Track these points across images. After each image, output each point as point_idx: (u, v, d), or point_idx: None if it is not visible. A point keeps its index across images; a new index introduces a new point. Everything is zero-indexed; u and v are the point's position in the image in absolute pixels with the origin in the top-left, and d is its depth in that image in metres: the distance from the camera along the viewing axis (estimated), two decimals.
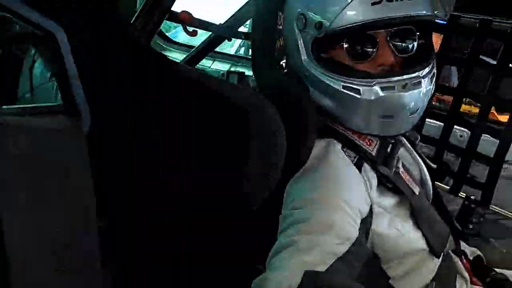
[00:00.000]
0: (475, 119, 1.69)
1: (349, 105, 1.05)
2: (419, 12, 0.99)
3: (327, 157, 1.03)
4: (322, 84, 1.06)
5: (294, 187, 1.00)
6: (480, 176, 1.74)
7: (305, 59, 1.09)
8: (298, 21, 1.07)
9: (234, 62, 2.75)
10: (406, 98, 1.00)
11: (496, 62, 1.58)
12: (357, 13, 0.96)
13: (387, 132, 1.09)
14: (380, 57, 1.03)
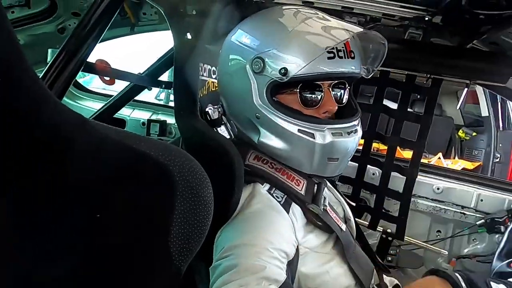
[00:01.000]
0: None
1: (302, 148, 1.10)
2: (357, 70, 1.13)
3: (251, 203, 1.05)
4: (276, 126, 1.10)
5: (221, 237, 1.00)
6: (395, 210, 1.90)
7: (257, 101, 1.11)
8: (254, 64, 1.10)
9: (155, 110, 2.70)
10: (349, 143, 1.12)
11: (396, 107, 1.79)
12: (318, 64, 1.05)
13: (331, 173, 1.16)
14: (325, 104, 1.12)
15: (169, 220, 0.67)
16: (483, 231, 2.06)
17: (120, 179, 0.67)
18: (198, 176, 0.71)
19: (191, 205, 0.69)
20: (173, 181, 0.68)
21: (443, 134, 4.93)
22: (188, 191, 0.69)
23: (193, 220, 0.69)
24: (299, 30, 1.08)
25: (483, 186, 2.11)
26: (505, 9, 1.18)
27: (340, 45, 1.06)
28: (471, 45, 1.53)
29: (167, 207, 0.67)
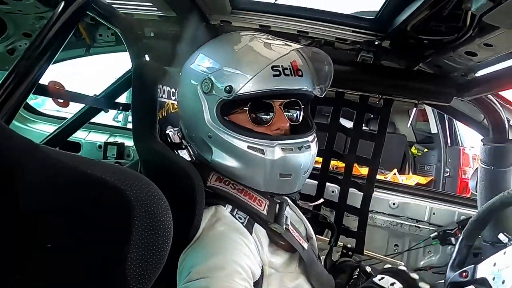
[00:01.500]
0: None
1: (253, 164, 1.12)
2: (306, 87, 1.16)
3: (215, 225, 1.04)
4: (227, 144, 1.12)
5: (186, 260, 0.98)
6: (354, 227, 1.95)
7: (209, 120, 1.13)
8: (204, 85, 1.12)
9: (112, 133, 2.62)
10: (301, 158, 1.13)
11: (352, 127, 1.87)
12: (263, 81, 1.08)
13: (284, 190, 1.18)
14: (276, 122, 1.15)
15: (126, 247, 0.64)
16: (437, 243, 2.16)
17: (74, 207, 0.64)
18: (157, 200, 0.69)
19: (150, 231, 0.67)
20: (130, 206, 0.66)
21: (397, 151, 5.15)
22: (146, 216, 0.67)
23: (151, 246, 0.67)
24: (245, 49, 1.13)
25: (434, 200, 2.23)
26: (445, 35, 1.28)
27: (286, 63, 1.09)
28: (417, 67, 1.63)
29: (124, 233, 0.65)
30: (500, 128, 1.68)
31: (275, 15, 1.52)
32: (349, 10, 1.60)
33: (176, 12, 1.51)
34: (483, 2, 0.88)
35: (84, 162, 0.66)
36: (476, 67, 1.49)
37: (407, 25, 1.26)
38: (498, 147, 1.72)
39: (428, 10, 1.14)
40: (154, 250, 0.67)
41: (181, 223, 0.96)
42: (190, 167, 1.10)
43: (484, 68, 1.50)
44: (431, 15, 1.18)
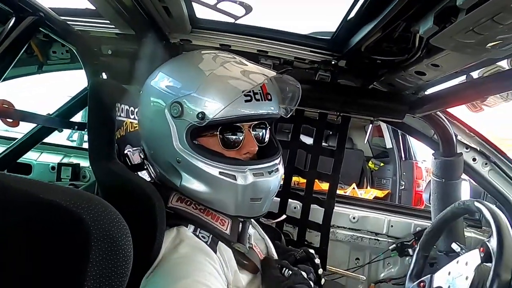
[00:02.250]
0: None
1: (224, 190, 1.09)
2: (274, 111, 1.16)
3: (178, 248, 1.01)
4: (198, 169, 1.09)
5: (149, 286, 0.94)
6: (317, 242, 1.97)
7: (178, 145, 1.09)
8: (172, 109, 1.08)
9: (66, 153, 2.50)
10: (271, 183, 1.13)
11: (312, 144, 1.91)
12: (235, 107, 1.06)
13: (254, 213, 1.16)
14: (247, 146, 1.14)
15: (83, 273, 0.61)
16: (395, 255, 2.23)
17: (26, 233, 0.60)
18: (115, 223, 0.66)
19: (108, 255, 0.64)
20: (87, 231, 0.63)
21: (355, 166, 5.31)
22: (104, 241, 0.64)
23: (110, 271, 0.64)
24: (217, 74, 1.10)
25: (392, 213, 2.30)
26: (397, 56, 1.35)
27: (257, 88, 1.10)
28: (372, 86, 1.71)
29: (81, 259, 0.62)
30: (449, 142, 1.79)
31: (235, 35, 1.54)
32: (307, 30, 1.65)
33: (134, 30, 1.49)
34: (429, 26, 0.94)
35: (36, 185, 0.63)
36: (426, 85, 1.59)
37: (361, 46, 1.32)
38: (448, 161, 1.82)
39: (380, 32, 1.20)
40: (113, 276, 0.64)
41: (142, 246, 0.92)
42: (150, 187, 1.07)
43: (432, 86, 1.60)
44: (383, 37, 1.24)
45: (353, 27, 1.30)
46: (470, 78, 1.39)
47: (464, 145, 1.92)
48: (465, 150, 1.92)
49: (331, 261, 2.05)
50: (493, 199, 2.00)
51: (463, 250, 1.41)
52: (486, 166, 1.94)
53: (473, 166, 1.94)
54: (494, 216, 1.17)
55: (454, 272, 1.28)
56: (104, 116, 1.27)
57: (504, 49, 0.95)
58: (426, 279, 1.38)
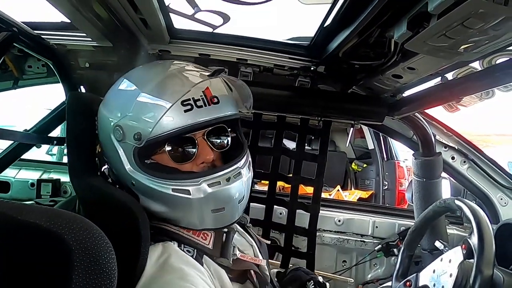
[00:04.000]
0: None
1: (181, 206, 1.06)
2: (226, 113, 1.10)
3: (168, 261, 0.99)
4: (151, 190, 1.05)
5: None
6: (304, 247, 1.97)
7: (129, 168, 1.07)
8: (115, 132, 1.06)
9: (46, 169, 2.44)
10: (231, 190, 1.08)
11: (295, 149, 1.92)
12: (173, 120, 1.02)
13: (221, 224, 1.12)
14: (201, 155, 1.09)
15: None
16: (381, 255, 2.26)
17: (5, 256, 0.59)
18: (98, 242, 0.65)
19: (92, 275, 0.63)
20: (69, 250, 0.61)
21: (339, 168, 5.36)
22: (87, 260, 0.63)
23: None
24: (148, 91, 1.05)
25: (376, 214, 2.34)
26: (374, 60, 1.38)
27: (197, 94, 1.04)
28: (351, 90, 1.73)
29: (64, 280, 0.60)
30: (428, 143, 1.82)
31: (214, 44, 1.55)
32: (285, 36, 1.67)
33: (112, 42, 1.48)
34: (403, 31, 0.96)
35: (14, 208, 0.61)
36: (403, 88, 1.62)
37: (339, 51, 1.33)
38: (428, 160, 1.86)
39: (356, 38, 1.22)
40: None
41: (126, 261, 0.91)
42: (133, 202, 1.05)
43: (410, 88, 1.64)
44: (360, 42, 1.26)
45: (330, 33, 1.33)
46: (445, 79, 1.43)
47: (443, 145, 1.97)
48: (444, 149, 1.97)
49: (319, 264, 2.06)
50: (473, 196, 2.05)
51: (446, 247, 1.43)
52: (464, 164, 1.99)
53: (452, 165, 1.98)
54: (474, 213, 1.19)
55: (439, 269, 1.30)
56: (83, 130, 1.25)
57: (475, 51, 0.98)
58: (412, 278, 1.39)
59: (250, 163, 1.18)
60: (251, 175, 1.18)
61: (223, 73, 1.12)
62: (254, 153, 1.81)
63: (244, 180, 1.12)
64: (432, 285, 1.28)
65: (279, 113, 1.86)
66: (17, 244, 0.60)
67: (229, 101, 1.14)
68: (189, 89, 1.01)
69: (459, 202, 1.29)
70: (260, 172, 1.95)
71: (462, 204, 1.27)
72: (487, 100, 1.57)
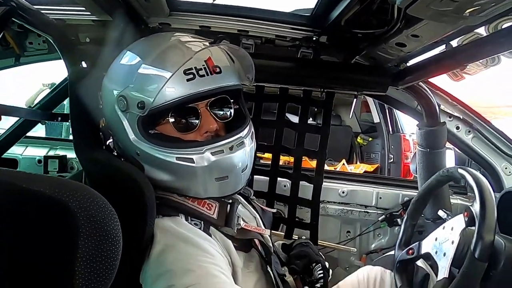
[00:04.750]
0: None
1: (186, 175, 1.09)
2: (228, 83, 1.12)
3: (179, 232, 1.01)
4: (156, 159, 1.08)
5: (157, 270, 0.95)
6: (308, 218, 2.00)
7: (133, 138, 1.09)
8: (119, 103, 1.08)
9: (52, 146, 2.47)
10: (235, 158, 1.11)
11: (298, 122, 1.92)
12: (176, 89, 1.04)
13: (225, 192, 1.15)
14: (204, 125, 1.12)
15: (72, 260, 0.62)
16: (385, 225, 2.29)
17: (12, 224, 0.61)
18: (102, 210, 0.67)
19: (97, 241, 0.65)
20: (74, 218, 0.63)
21: (344, 142, 5.35)
22: (92, 227, 0.64)
23: (100, 257, 0.65)
24: (151, 61, 1.08)
25: (380, 185, 2.35)
26: (376, 28, 1.35)
27: (199, 64, 1.06)
28: (355, 60, 1.71)
29: (70, 246, 0.62)
30: (432, 112, 1.81)
31: (215, 15, 1.53)
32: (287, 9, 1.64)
33: (111, 16, 1.46)
34: None
35: (19, 176, 0.63)
36: (407, 57, 1.59)
37: (341, 20, 1.31)
38: (432, 130, 1.85)
39: (358, 5, 1.20)
40: (103, 260, 0.65)
41: (134, 231, 0.94)
42: (138, 173, 1.07)
43: (414, 57, 1.61)
44: (362, 10, 1.23)
45: (332, 1, 1.30)
46: (450, 47, 1.40)
47: (447, 114, 1.95)
48: (449, 119, 1.95)
49: (323, 235, 2.10)
50: (477, 165, 2.05)
51: (449, 216, 1.44)
52: (469, 133, 1.98)
53: (456, 135, 1.97)
54: (477, 181, 1.20)
55: (441, 237, 1.31)
56: (86, 105, 1.26)
57: (480, 15, 0.96)
58: (415, 246, 1.41)
59: (253, 133, 1.21)
60: (254, 145, 1.20)
61: (225, 41, 1.13)
62: (257, 126, 1.81)
63: (247, 149, 1.15)
64: (434, 252, 1.30)
65: (282, 85, 1.84)
66: (22, 212, 0.61)
67: (231, 71, 1.15)
68: (190, 57, 1.03)
69: (462, 171, 1.29)
70: (264, 145, 1.95)
71: (465, 173, 1.27)
72: (493, 68, 1.53)
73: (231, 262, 1.07)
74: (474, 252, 1.07)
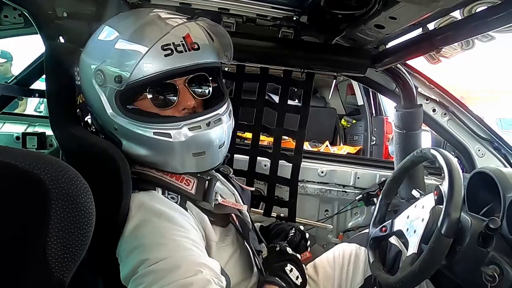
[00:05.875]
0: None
1: (163, 150, 1.10)
2: (206, 60, 1.13)
3: (154, 206, 1.03)
4: (133, 134, 1.09)
5: (131, 245, 0.97)
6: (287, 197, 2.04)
7: (111, 112, 1.09)
8: (97, 77, 1.08)
9: (31, 122, 2.43)
10: (212, 134, 1.12)
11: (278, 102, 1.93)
12: (153, 65, 1.04)
13: (203, 168, 1.17)
14: (182, 102, 1.13)
15: (44, 231, 0.63)
16: (362, 205, 2.35)
17: None
18: (74, 182, 0.68)
19: (69, 214, 0.66)
20: (46, 189, 0.64)
21: (328, 124, 5.37)
22: (64, 199, 0.66)
23: (72, 229, 0.67)
24: (126, 36, 1.07)
25: (358, 165, 2.41)
26: (356, 9, 1.36)
27: (177, 40, 1.06)
28: (335, 41, 1.72)
29: (41, 217, 0.64)
30: (410, 94, 1.84)
31: None
32: None
33: None
34: None
35: None
36: (386, 39, 1.61)
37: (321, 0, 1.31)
38: (408, 112, 1.88)
39: None
40: (76, 232, 0.67)
41: (109, 206, 0.95)
42: (113, 148, 1.08)
43: (392, 40, 1.63)
44: None
45: None
46: (426, 29, 1.42)
47: (424, 97, 1.99)
48: (425, 101, 1.99)
49: (302, 214, 2.15)
50: (452, 147, 2.11)
51: (422, 195, 1.50)
52: (445, 116, 2.03)
53: (432, 117, 2.02)
54: (447, 161, 1.24)
55: (412, 215, 1.36)
56: (62, 82, 1.25)
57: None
58: (388, 223, 1.46)
59: (231, 111, 1.22)
60: (231, 123, 1.22)
61: (203, 18, 1.13)
62: (237, 105, 1.83)
63: (225, 126, 1.16)
64: (406, 229, 1.35)
65: (262, 65, 1.84)
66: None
67: (209, 49, 1.16)
68: (167, 32, 1.03)
69: (434, 151, 1.33)
70: (244, 124, 1.96)
71: (436, 153, 1.31)
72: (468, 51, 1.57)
73: (206, 237, 1.09)
74: (441, 228, 1.12)
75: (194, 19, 1.11)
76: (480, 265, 1.14)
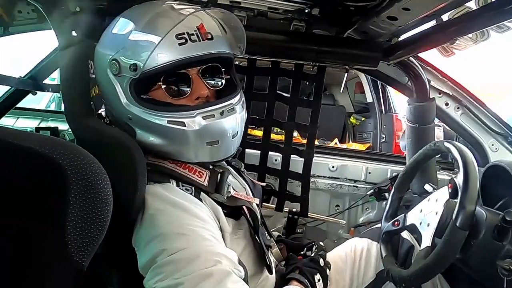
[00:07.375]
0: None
1: (177, 138, 1.11)
2: (219, 50, 1.14)
3: (170, 197, 1.03)
4: (148, 123, 1.10)
5: (150, 234, 0.97)
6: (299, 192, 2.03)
7: (125, 102, 1.10)
8: (112, 67, 1.10)
9: (44, 117, 2.46)
10: (225, 124, 1.13)
11: (289, 95, 1.92)
12: (168, 54, 1.05)
13: (216, 157, 1.18)
14: (195, 91, 1.14)
15: (64, 215, 0.64)
16: (373, 200, 2.34)
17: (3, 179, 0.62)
18: (93, 169, 0.69)
19: (88, 199, 0.67)
20: (65, 175, 0.65)
21: (337, 122, 5.35)
22: (83, 185, 0.66)
23: (91, 214, 0.67)
24: (144, 23, 1.09)
25: (369, 160, 2.40)
26: (369, 1, 1.35)
27: (191, 29, 1.07)
28: (347, 34, 1.71)
29: (60, 202, 0.64)
30: (422, 88, 1.82)
31: None
32: None
33: None
34: None
35: (11, 133, 0.64)
36: (398, 31, 1.60)
37: None
38: (421, 106, 1.87)
39: None
40: (94, 217, 0.68)
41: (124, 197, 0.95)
42: (128, 139, 1.08)
43: (405, 32, 1.61)
44: None
45: None
46: (440, 21, 1.40)
47: (437, 91, 1.97)
48: (438, 95, 1.97)
49: (313, 209, 2.14)
50: (465, 141, 2.08)
51: (435, 190, 1.48)
52: (458, 110, 2.00)
53: (445, 111, 2.00)
54: (461, 154, 1.22)
55: (426, 209, 1.35)
56: (77, 74, 1.26)
57: None
58: (400, 218, 1.45)
59: (243, 102, 1.23)
60: (244, 114, 1.22)
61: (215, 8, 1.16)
62: (249, 99, 1.82)
63: (238, 117, 1.17)
64: (419, 223, 1.34)
65: (274, 58, 1.84)
66: (14, 168, 0.63)
67: (223, 39, 1.17)
68: (180, 20, 1.04)
69: (448, 144, 1.32)
70: (255, 118, 1.96)
71: (450, 146, 1.30)
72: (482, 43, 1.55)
73: (220, 228, 1.09)
74: (456, 221, 1.10)
75: (208, 7, 1.13)
76: (496, 259, 1.13)
